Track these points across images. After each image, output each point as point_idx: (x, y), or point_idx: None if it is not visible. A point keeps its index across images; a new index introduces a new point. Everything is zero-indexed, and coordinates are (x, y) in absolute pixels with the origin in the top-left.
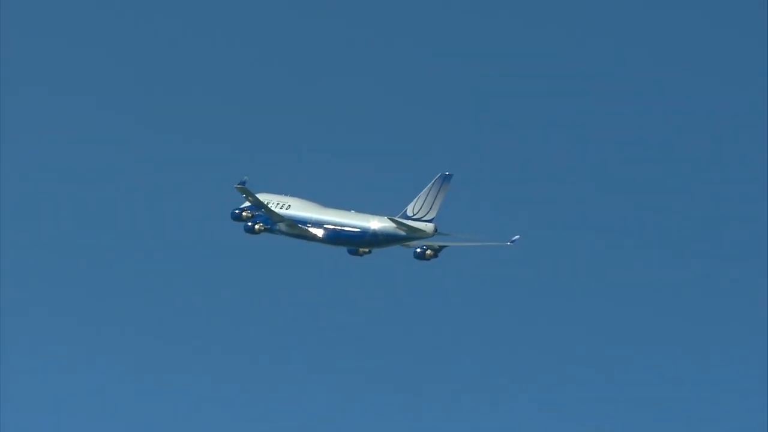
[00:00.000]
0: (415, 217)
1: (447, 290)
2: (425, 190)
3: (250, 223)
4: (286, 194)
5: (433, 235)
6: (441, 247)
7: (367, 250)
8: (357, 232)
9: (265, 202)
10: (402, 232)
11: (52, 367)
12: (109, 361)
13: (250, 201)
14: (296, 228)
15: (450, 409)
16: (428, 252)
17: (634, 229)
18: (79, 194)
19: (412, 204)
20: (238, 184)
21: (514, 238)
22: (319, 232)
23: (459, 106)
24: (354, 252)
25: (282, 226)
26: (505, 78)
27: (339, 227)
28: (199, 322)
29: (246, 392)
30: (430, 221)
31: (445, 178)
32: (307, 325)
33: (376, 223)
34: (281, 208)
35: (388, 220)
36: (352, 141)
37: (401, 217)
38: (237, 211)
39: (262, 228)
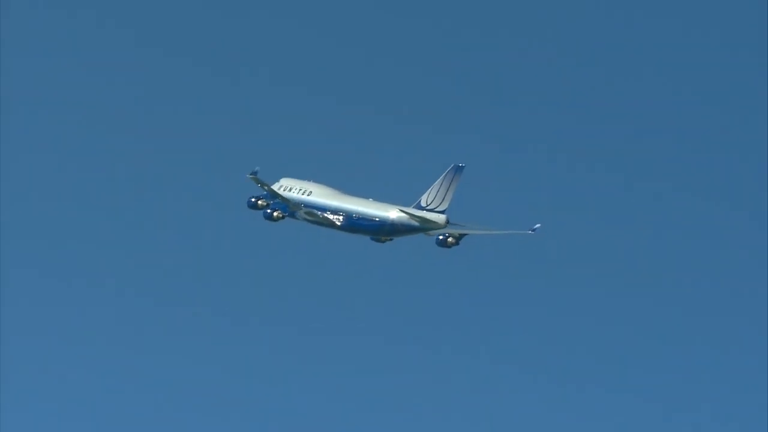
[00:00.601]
0: (428, 207)
1: (466, 277)
2: (438, 181)
3: (269, 210)
4: (309, 180)
5: (445, 225)
6: (462, 235)
7: (388, 237)
8: (374, 221)
9: (288, 188)
10: (416, 223)
11: (84, 361)
12: (138, 347)
13: (265, 189)
14: (315, 215)
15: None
16: (449, 239)
17: (648, 217)
18: (101, 181)
19: (425, 194)
20: (250, 174)
21: (535, 227)
22: (337, 220)
23: (473, 99)
24: (376, 239)
25: (302, 213)
26: (516, 70)
27: (357, 215)
28: (224, 308)
29: (272, 378)
30: (442, 212)
31: (457, 170)
32: (331, 309)
33: (394, 213)
34: (303, 194)
35: (408, 210)
36: (371, 130)
37: (415, 207)
38: (253, 199)
39: (281, 215)
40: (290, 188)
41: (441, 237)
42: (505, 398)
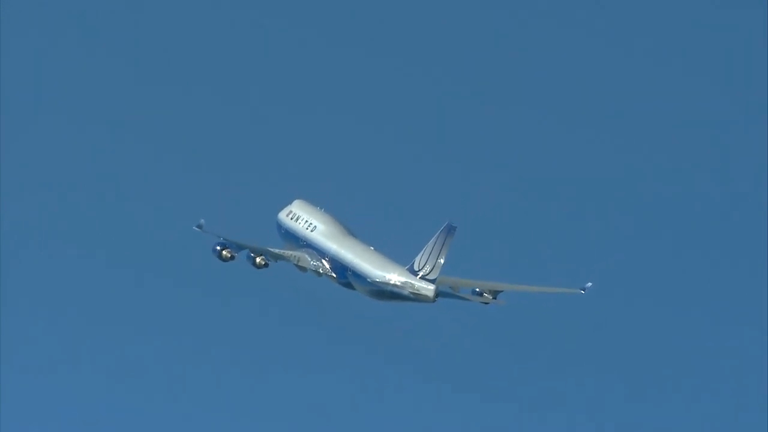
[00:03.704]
0: (420, 272)
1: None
2: (431, 241)
3: (252, 254)
4: (321, 209)
5: (435, 299)
6: (497, 292)
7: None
8: (366, 282)
9: (296, 216)
10: (406, 292)
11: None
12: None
13: (231, 242)
14: (305, 268)
15: None
16: (484, 294)
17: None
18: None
19: (419, 256)
20: (196, 227)
21: (586, 286)
22: (332, 275)
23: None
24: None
25: (294, 259)
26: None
27: (351, 271)
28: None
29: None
30: (432, 281)
31: (450, 230)
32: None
33: (392, 276)
34: (307, 228)
35: (400, 275)
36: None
37: (408, 269)
38: (218, 248)
39: (263, 261)
40: (297, 217)
41: (477, 289)
42: None
